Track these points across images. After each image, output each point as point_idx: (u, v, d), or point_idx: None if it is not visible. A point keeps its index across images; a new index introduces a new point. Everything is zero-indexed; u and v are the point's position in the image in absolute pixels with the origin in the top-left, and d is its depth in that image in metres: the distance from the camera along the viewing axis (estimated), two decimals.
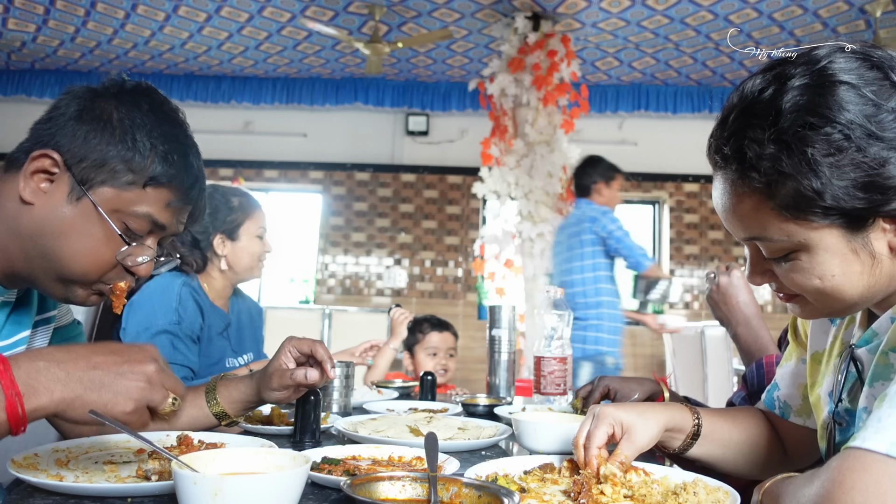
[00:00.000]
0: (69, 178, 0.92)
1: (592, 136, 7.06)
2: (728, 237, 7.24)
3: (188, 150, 1.01)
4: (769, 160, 0.76)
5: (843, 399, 0.88)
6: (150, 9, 5.59)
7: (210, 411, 1.21)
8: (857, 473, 0.64)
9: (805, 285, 0.82)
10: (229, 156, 7.41)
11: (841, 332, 0.95)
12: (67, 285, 0.96)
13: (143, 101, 0.97)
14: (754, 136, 0.77)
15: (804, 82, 0.76)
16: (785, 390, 1.09)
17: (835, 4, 5.06)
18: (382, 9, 5.39)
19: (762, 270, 0.87)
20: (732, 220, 0.86)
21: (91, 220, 0.93)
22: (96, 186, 0.93)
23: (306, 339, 1.23)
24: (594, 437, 0.94)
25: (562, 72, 5.33)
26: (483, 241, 5.50)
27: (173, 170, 0.97)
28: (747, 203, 0.81)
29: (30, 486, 0.84)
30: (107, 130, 0.93)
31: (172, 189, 0.97)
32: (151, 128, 0.95)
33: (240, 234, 1.96)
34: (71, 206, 0.92)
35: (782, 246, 0.80)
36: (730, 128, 0.81)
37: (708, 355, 4.80)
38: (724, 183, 0.85)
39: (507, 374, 1.96)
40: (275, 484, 0.72)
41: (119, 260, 0.96)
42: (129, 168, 0.93)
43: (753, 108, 0.79)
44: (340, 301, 7.16)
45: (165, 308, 1.76)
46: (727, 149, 0.81)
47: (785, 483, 0.76)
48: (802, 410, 1.06)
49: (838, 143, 0.73)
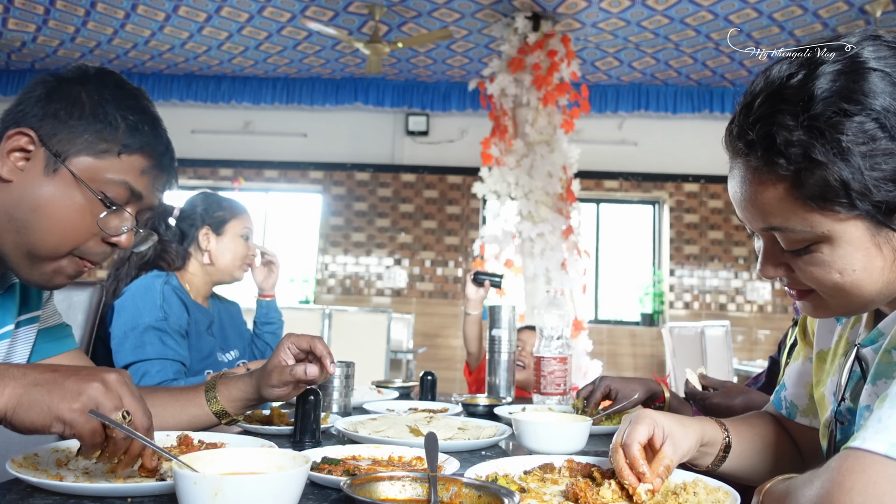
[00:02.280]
0: (45, 152, 0.94)
1: (592, 136, 7.07)
2: (728, 237, 7.24)
3: (156, 121, 1.03)
4: (799, 146, 0.72)
5: (845, 398, 0.88)
6: (150, 9, 5.59)
7: (210, 410, 1.21)
8: (856, 474, 0.64)
9: (823, 279, 0.79)
10: (229, 156, 7.42)
11: (846, 331, 0.94)
12: (36, 262, 0.96)
13: (109, 80, 1.01)
14: (783, 121, 0.73)
15: (836, 68, 0.73)
16: (792, 389, 1.08)
17: (835, 4, 5.07)
18: (382, 9, 5.39)
19: (777, 263, 0.83)
20: (751, 210, 0.81)
21: (70, 190, 0.94)
22: (72, 157, 0.95)
23: (305, 336, 1.23)
24: (634, 433, 0.89)
25: (562, 72, 5.34)
26: (483, 241, 5.49)
27: (145, 138, 0.99)
28: (770, 192, 0.77)
29: (29, 486, 0.84)
30: (77, 107, 0.95)
31: (146, 156, 0.99)
32: (119, 102, 0.98)
33: (225, 230, 1.99)
34: (48, 178, 0.94)
35: (804, 237, 0.77)
36: (755, 113, 0.77)
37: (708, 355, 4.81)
38: (746, 171, 0.80)
39: (507, 374, 1.95)
40: (275, 484, 0.72)
41: (101, 227, 0.97)
42: (102, 138, 0.96)
43: (782, 93, 0.75)
44: (340, 301, 7.17)
45: (150, 306, 1.76)
46: (752, 134, 0.76)
47: (785, 484, 0.76)
48: (809, 410, 1.05)
49: (872, 132, 0.71)
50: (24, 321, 1.10)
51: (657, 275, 7.42)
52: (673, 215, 7.32)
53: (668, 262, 7.27)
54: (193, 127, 7.37)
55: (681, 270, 7.26)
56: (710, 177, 7.26)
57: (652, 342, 7.05)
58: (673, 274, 7.26)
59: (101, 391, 0.80)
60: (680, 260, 7.26)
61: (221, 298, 2.16)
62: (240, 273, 2.02)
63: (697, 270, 7.25)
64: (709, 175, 7.26)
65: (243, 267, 2.03)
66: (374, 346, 4.73)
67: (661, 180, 7.33)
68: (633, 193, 7.37)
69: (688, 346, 5.05)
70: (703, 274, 7.24)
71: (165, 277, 1.84)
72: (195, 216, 1.99)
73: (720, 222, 7.28)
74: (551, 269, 5.10)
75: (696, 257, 7.26)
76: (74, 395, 0.78)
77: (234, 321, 2.15)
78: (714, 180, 7.26)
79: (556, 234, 5.16)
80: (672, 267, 7.26)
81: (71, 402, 0.78)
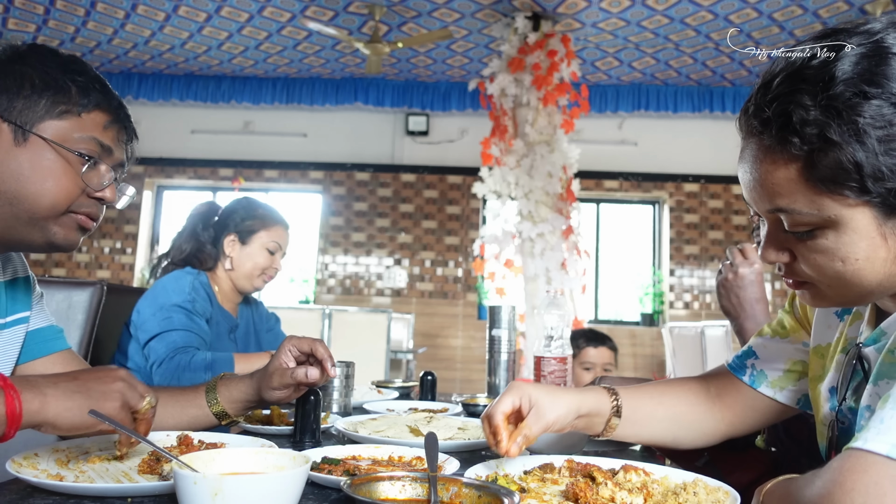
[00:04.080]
0: (8, 126, 0.96)
1: (592, 136, 7.07)
2: (728, 237, 7.24)
3: (102, 80, 1.05)
4: (815, 126, 0.71)
5: (846, 398, 0.88)
6: (150, 9, 5.59)
7: (210, 411, 1.21)
8: (858, 475, 0.63)
9: (825, 267, 0.78)
10: (229, 156, 7.42)
11: (846, 329, 0.93)
12: (43, 226, 0.99)
13: (45, 51, 1.02)
14: (801, 100, 0.73)
15: (860, 52, 0.72)
16: (765, 360, 1.08)
17: (835, 4, 5.07)
18: (382, 9, 5.39)
19: (780, 248, 0.82)
20: (759, 191, 0.80)
21: (44, 152, 0.97)
22: (37, 123, 0.97)
23: (306, 338, 1.23)
24: (499, 404, 0.95)
25: (562, 72, 5.34)
26: (483, 241, 5.50)
27: (98, 95, 1.02)
28: (781, 172, 0.76)
29: (30, 486, 0.84)
30: (25, 79, 0.97)
31: (103, 111, 1.02)
32: (63, 68, 1.00)
33: (252, 240, 2.00)
34: (20, 148, 0.96)
35: (810, 220, 0.76)
36: (774, 91, 0.76)
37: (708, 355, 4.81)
38: (758, 150, 0.79)
39: (507, 374, 1.95)
40: (275, 484, 0.72)
41: (85, 182, 1.00)
42: (59, 102, 0.98)
43: (803, 73, 0.74)
44: (340, 301, 7.17)
45: (179, 290, 1.81)
46: (768, 112, 0.76)
47: (786, 484, 0.76)
48: (778, 383, 1.05)
49: (890, 117, 0.70)
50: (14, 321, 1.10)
51: (657, 275, 7.42)
52: (673, 215, 7.32)
53: (668, 262, 7.27)
54: (193, 127, 7.37)
55: (681, 270, 7.26)
56: (711, 177, 7.26)
57: (652, 342, 7.05)
58: (673, 274, 7.26)
59: (126, 387, 0.90)
60: (680, 260, 7.26)
61: (257, 307, 2.16)
62: (259, 282, 2.01)
63: (697, 270, 7.25)
64: (709, 175, 7.26)
65: (263, 278, 2.02)
66: (374, 347, 4.73)
67: (661, 180, 7.33)
68: (633, 193, 7.37)
69: (688, 346, 5.05)
70: (703, 274, 7.24)
71: (196, 274, 1.89)
72: (229, 221, 2.01)
73: (720, 222, 7.28)
74: (551, 269, 5.10)
75: (696, 257, 7.26)
76: (110, 395, 0.88)
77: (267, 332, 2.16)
78: (714, 180, 7.26)
79: (556, 234, 5.16)
80: (672, 267, 7.26)
81: (112, 401, 0.88)
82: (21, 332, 1.11)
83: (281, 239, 2.04)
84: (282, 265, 2.07)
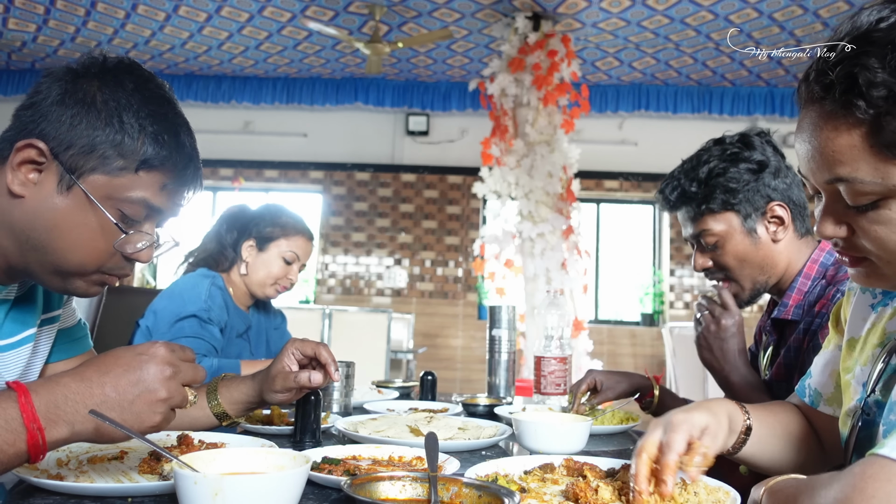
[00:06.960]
0: (57, 167, 0.88)
1: (592, 136, 7.07)
2: None
3: (179, 128, 0.96)
4: (883, 87, 0.69)
5: (875, 391, 0.86)
6: (150, 9, 5.59)
7: (211, 411, 1.21)
8: (880, 483, 0.62)
9: (887, 240, 0.75)
10: (229, 156, 7.41)
11: (883, 321, 0.90)
12: (66, 278, 0.93)
13: (127, 80, 0.92)
14: (868, 63, 0.70)
15: None
16: (817, 378, 1.05)
17: (835, 4, 5.07)
18: (382, 9, 5.39)
19: (839, 221, 0.79)
20: (819, 160, 0.76)
21: (84, 209, 0.89)
22: (87, 174, 0.88)
23: (310, 342, 1.23)
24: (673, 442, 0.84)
25: (562, 72, 5.34)
26: (483, 241, 5.50)
27: (165, 151, 0.92)
28: (844, 138, 0.73)
29: (30, 486, 0.84)
30: (91, 113, 0.88)
31: (166, 171, 0.93)
32: (138, 108, 0.91)
33: (269, 248, 1.97)
34: (62, 196, 0.88)
35: (873, 190, 0.73)
36: (839, 54, 0.73)
37: None
38: (819, 117, 0.75)
39: (507, 374, 1.96)
40: (275, 484, 0.72)
41: (117, 248, 0.93)
42: (119, 153, 0.89)
43: (870, 36, 0.71)
44: (340, 301, 7.17)
45: (195, 298, 1.81)
46: (832, 75, 0.72)
47: (795, 482, 0.75)
48: (833, 399, 1.02)
49: None
50: (46, 320, 1.10)
51: (657, 275, 7.42)
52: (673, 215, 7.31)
53: (669, 262, 7.27)
54: (193, 127, 7.22)
55: (681, 270, 7.26)
56: None
57: (652, 342, 7.05)
58: (673, 274, 7.25)
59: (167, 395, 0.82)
60: (680, 260, 7.25)
61: (265, 306, 2.15)
62: (272, 291, 1.99)
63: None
64: None
65: (276, 287, 1.99)
66: (375, 346, 4.73)
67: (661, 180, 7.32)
68: (633, 193, 7.37)
69: (688, 346, 5.04)
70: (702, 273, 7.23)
71: (212, 278, 1.88)
72: (251, 226, 1.98)
73: None
74: (551, 269, 5.10)
75: None
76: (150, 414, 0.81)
77: (276, 332, 2.17)
78: None
79: (556, 234, 5.15)
80: (672, 267, 7.26)
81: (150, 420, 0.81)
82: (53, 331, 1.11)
83: (300, 249, 1.99)
84: (298, 277, 2.02)
